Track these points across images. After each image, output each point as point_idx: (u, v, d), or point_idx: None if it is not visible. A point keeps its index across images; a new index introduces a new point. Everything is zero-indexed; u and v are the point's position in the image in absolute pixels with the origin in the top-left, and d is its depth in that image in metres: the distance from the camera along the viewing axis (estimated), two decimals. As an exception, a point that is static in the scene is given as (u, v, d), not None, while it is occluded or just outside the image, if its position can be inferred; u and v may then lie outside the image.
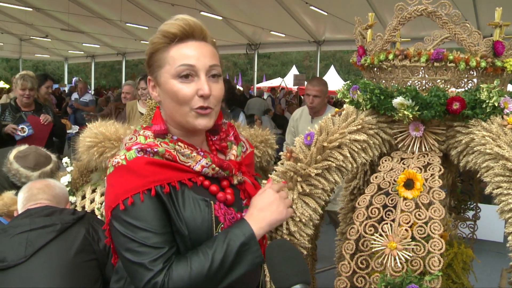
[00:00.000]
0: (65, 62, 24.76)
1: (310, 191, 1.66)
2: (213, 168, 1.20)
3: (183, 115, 1.18)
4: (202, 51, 1.18)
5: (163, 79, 1.18)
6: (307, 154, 1.69)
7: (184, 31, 1.16)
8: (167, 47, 1.17)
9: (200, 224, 1.15)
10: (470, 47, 1.63)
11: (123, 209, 1.10)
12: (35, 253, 1.56)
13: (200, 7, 12.72)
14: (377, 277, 1.49)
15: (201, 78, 1.16)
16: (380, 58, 1.73)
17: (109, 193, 1.14)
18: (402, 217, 1.53)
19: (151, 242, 1.09)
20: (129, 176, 1.12)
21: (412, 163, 1.68)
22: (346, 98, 1.84)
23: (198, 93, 1.16)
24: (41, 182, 1.90)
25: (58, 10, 13.86)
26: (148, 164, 1.13)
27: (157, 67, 1.19)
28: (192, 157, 1.19)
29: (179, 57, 1.16)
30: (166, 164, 1.15)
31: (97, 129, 2.25)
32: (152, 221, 1.11)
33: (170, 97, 1.18)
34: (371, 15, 1.89)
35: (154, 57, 1.20)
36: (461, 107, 1.60)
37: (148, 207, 1.11)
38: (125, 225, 1.10)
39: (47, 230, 1.60)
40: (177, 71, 1.15)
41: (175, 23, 1.16)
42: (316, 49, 16.52)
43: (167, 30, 1.17)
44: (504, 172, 1.48)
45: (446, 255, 1.75)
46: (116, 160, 1.15)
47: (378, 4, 11.27)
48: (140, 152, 1.14)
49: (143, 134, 1.21)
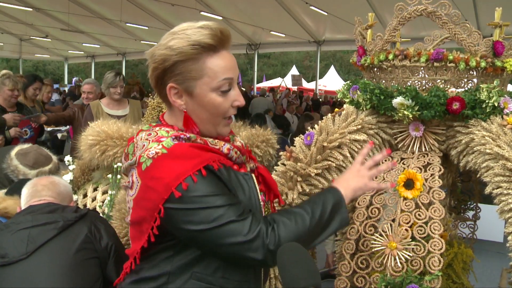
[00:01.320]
0: (65, 62, 24.76)
1: (310, 191, 1.66)
2: (236, 151, 1.23)
3: (216, 124, 1.20)
4: (234, 61, 1.20)
5: (200, 91, 1.15)
6: (307, 154, 1.69)
7: (219, 41, 1.15)
8: (201, 57, 1.13)
9: (249, 197, 1.18)
10: (470, 47, 1.63)
11: (181, 195, 1.06)
12: (37, 250, 1.56)
13: (200, 7, 12.72)
14: (377, 277, 1.49)
15: (235, 89, 1.19)
16: (380, 58, 1.73)
17: (156, 187, 1.08)
18: (402, 217, 1.53)
19: (229, 201, 1.10)
20: (175, 162, 1.09)
21: (412, 163, 1.68)
22: (346, 98, 1.84)
23: (234, 104, 1.19)
24: (46, 178, 1.90)
25: (58, 10, 13.86)
26: (191, 147, 1.13)
27: (191, 77, 1.15)
28: (217, 143, 1.20)
29: (220, 71, 1.14)
30: (204, 147, 1.16)
31: (100, 128, 2.25)
32: (217, 187, 1.11)
33: (207, 109, 1.17)
34: (371, 15, 1.89)
35: (183, 66, 1.14)
36: (461, 107, 1.60)
37: (205, 181, 1.09)
38: (198, 200, 1.08)
39: (49, 227, 1.60)
40: (219, 85, 1.15)
41: (207, 33, 1.13)
42: (316, 49, 16.52)
43: (200, 40, 1.12)
44: (504, 172, 1.48)
45: (446, 255, 1.75)
46: (152, 151, 1.09)
47: (378, 4, 11.27)
48: (175, 140, 1.13)
49: (161, 130, 1.19)
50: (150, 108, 2.52)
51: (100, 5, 14.03)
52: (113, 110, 3.96)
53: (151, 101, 2.57)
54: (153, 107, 2.52)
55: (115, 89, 3.93)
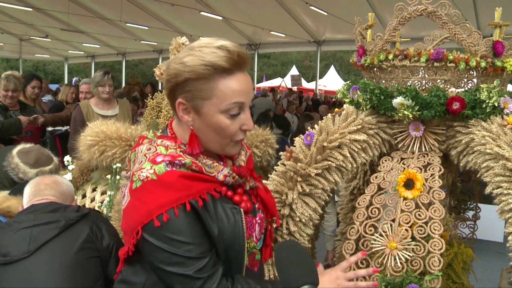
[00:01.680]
0: (65, 62, 24.75)
1: (310, 191, 1.66)
2: (234, 176, 1.20)
3: (223, 145, 1.18)
4: (248, 84, 1.15)
5: (208, 111, 1.14)
6: (307, 154, 1.69)
7: (236, 64, 1.12)
8: (213, 78, 1.11)
9: (233, 233, 1.16)
10: (470, 47, 1.63)
11: (159, 226, 1.08)
12: (38, 249, 1.56)
13: (200, 7, 12.72)
14: (377, 277, 1.49)
15: (246, 113, 1.16)
16: (380, 58, 1.73)
17: (140, 209, 1.10)
18: (402, 217, 1.53)
19: (194, 253, 1.10)
20: (161, 190, 1.09)
21: (412, 163, 1.68)
22: (346, 98, 1.84)
23: (242, 127, 1.16)
24: (49, 178, 1.90)
25: (58, 10, 13.85)
26: (181, 177, 1.11)
27: (200, 97, 1.13)
28: (214, 167, 1.18)
29: (230, 94, 1.11)
30: (195, 176, 1.14)
31: (98, 128, 2.26)
32: (192, 233, 1.11)
33: (213, 129, 1.15)
34: (371, 15, 1.89)
35: (194, 84, 1.12)
36: (461, 107, 1.60)
37: (185, 220, 1.10)
38: (166, 240, 1.09)
39: (51, 227, 1.61)
40: (228, 108, 1.12)
41: (224, 55, 1.10)
42: (316, 49, 16.52)
43: (215, 62, 1.09)
44: (504, 172, 1.48)
45: (446, 255, 1.75)
46: (143, 174, 1.10)
47: (378, 4, 11.27)
48: (169, 166, 1.11)
49: (161, 144, 1.18)
50: (150, 108, 2.52)
51: (100, 5, 14.03)
52: (103, 110, 3.93)
53: (150, 101, 2.57)
54: (152, 107, 2.52)
55: (104, 88, 3.89)
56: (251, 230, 1.24)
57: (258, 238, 1.28)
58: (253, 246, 1.26)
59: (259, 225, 1.27)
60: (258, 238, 1.28)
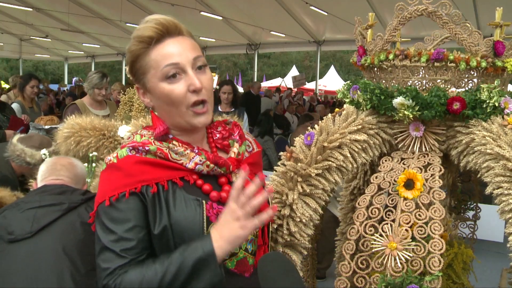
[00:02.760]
0: (65, 62, 24.76)
1: (311, 191, 1.66)
2: (208, 165, 1.18)
3: (181, 115, 1.17)
4: (182, 46, 1.16)
5: (151, 84, 1.17)
6: (307, 154, 1.69)
7: (159, 31, 1.14)
8: (147, 52, 1.15)
9: (191, 224, 1.13)
10: (471, 47, 1.63)
11: (108, 205, 1.12)
12: (40, 230, 1.61)
13: (200, 7, 12.73)
14: (377, 277, 1.48)
15: (188, 73, 1.14)
16: (380, 58, 1.73)
17: (100, 189, 1.17)
18: (402, 217, 1.53)
19: (116, 247, 1.11)
20: (117, 174, 1.13)
21: (412, 163, 1.68)
22: (346, 98, 1.84)
23: (190, 88, 1.14)
24: (65, 159, 1.93)
25: (58, 10, 13.86)
26: (137, 163, 1.14)
27: (142, 74, 1.18)
28: (186, 155, 1.17)
29: (161, 59, 1.14)
30: (157, 162, 1.15)
31: (74, 121, 2.36)
32: (128, 224, 1.12)
33: (163, 101, 1.17)
34: (371, 15, 1.89)
35: (136, 65, 1.18)
36: (462, 107, 1.60)
37: (131, 207, 1.12)
38: (101, 225, 1.14)
39: (54, 209, 1.66)
40: (163, 73, 1.14)
41: (147, 26, 1.14)
42: (316, 49, 16.53)
43: (141, 35, 1.14)
44: (505, 172, 1.48)
45: (446, 255, 1.75)
46: (109, 158, 1.17)
47: (378, 4, 11.28)
48: (132, 151, 1.15)
49: (139, 133, 1.22)
50: (123, 103, 2.57)
51: (100, 5, 14.04)
52: (97, 110, 4.06)
53: (123, 96, 2.61)
54: (125, 102, 2.57)
55: (100, 90, 4.00)
56: None
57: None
58: (238, 248, 1.19)
59: None
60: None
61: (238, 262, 1.22)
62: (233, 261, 1.21)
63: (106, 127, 2.31)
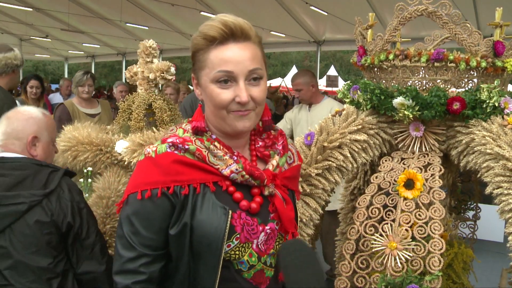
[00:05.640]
0: (65, 62, 24.73)
1: (311, 191, 1.66)
2: (243, 175, 1.17)
3: (222, 118, 1.16)
4: (242, 54, 1.13)
5: (203, 81, 1.17)
6: (307, 154, 1.69)
7: (223, 33, 1.13)
8: (207, 49, 1.14)
9: (213, 230, 1.13)
10: (471, 47, 1.63)
11: (140, 199, 1.13)
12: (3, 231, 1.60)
13: (200, 7, 12.72)
14: (377, 277, 1.49)
15: (239, 84, 1.13)
16: (380, 58, 1.73)
17: (133, 179, 1.17)
18: (403, 217, 1.53)
19: (134, 240, 1.13)
20: (153, 169, 1.14)
21: (412, 163, 1.68)
22: (346, 98, 1.84)
23: (236, 99, 1.13)
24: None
25: (58, 10, 13.85)
26: (174, 162, 1.13)
27: (199, 68, 1.18)
28: (224, 160, 1.16)
29: (218, 62, 1.13)
30: (193, 163, 1.14)
31: (71, 133, 2.35)
32: (152, 224, 1.14)
33: (209, 101, 1.17)
34: (371, 15, 1.89)
35: (196, 57, 1.19)
36: (461, 107, 1.60)
37: (160, 208, 1.13)
38: (126, 214, 1.15)
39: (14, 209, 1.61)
40: (215, 76, 1.13)
41: (213, 25, 1.13)
42: (316, 49, 16.51)
43: (206, 32, 1.13)
44: (505, 172, 1.48)
45: (446, 255, 1.75)
46: (148, 149, 1.17)
47: (378, 4, 11.27)
48: (171, 147, 1.15)
49: (183, 127, 1.22)
50: (121, 110, 2.53)
51: (100, 5, 14.03)
52: (87, 108, 4.08)
53: (122, 104, 2.58)
54: (124, 110, 2.54)
55: (83, 87, 4.03)
56: (250, 235, 1.18)
57: (265, 251, 1.21)
58: (257, 260, 1.19)
59: (268, 235, 1.21)
60: (264, 250, 1.21)
61: (256, 274, 1.21)
62: (251, 272, 1.20)
63: (103, 142, 2.29)
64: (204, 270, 1.15)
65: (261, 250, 1.20)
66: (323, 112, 4.04)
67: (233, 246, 1.16)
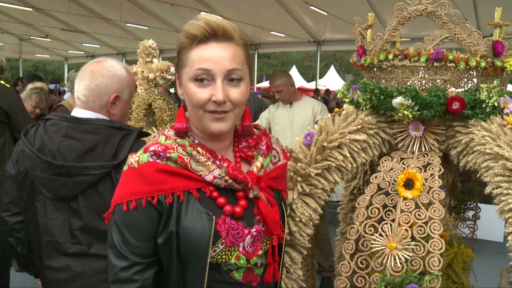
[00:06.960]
0: (65, 62, 24.76)
1: (310, 191, 1.66)
2: (226, 180, 1.16)
3: (199, 118, 1.16)
4: (222, 53, 1.13)
5: (183, 80, 1.17)
6: (307, 154, 1.69)
7: (205, 32, 1.13)
8: (189, 48, 1.15)
9: (198, 237, 1.13)
10: (470, 47, 1.63)
11: (126, 210, 1.13)
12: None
13: (200, 7, 12.73)
14: (377, 277, 1.49)
15: (216, 83, 1.12)
16: (380, 58, 1.73)
17: (119, 189, 1.17)
18: (402, 217, 1.53)
19: (125, 248, 1.14)
20: (137, 180, 1.14)
21: (412, 163, 1.68)
22: (346, 98, 1.84)
23: (212, 98, 1.13)
24: (90, 66, 1.76)
25: (58, 10, 13.86)
26: (157, 171, 1.13)
27: (180, 66, 1.18)
28: (206, 166, 1.16)
29: (197, 60, 1.13)
30: (176, 171, 1.14)
31: None
32: (140, 233, 1.15)
33: (188, 99, 1.17)
34: (371, 15, 1.89)
35: (179, 55, 1.19)
36: (461, 107, 1.60)
37: (146, 217, 1.14)
38: (115, 225, 1.16)
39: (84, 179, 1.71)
40: (194, 74, 1.13)
41: (196, 23, 1.13)
42: (316, 49, 16.54)
43: (188, 30, 1.14)
44: (504, 172, 1.48)
45: (446, 255, 1.75)
46: (131, 160, 1.17)
47: (378, 4, 11.28)
48: (153, 156, 1.14)
49: (165, 134, 1.21)
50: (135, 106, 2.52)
51: (100, 5, 14.05)
52: None
53: None
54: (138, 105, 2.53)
55: None
56: (236, 238, 1.18)
57: (253, 252, 1.21)
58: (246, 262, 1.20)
59: (255, 237, 1.21)
60: (252, 252, 1.21)
61: (245, 273, 1.22)
62: (240, 272, 1.21)
63: None
64: (192, 275, 1.16)
65: (249, 252, 1.21)
66: (306, 109, 4.18)
67: (219, 250, 1.16)
